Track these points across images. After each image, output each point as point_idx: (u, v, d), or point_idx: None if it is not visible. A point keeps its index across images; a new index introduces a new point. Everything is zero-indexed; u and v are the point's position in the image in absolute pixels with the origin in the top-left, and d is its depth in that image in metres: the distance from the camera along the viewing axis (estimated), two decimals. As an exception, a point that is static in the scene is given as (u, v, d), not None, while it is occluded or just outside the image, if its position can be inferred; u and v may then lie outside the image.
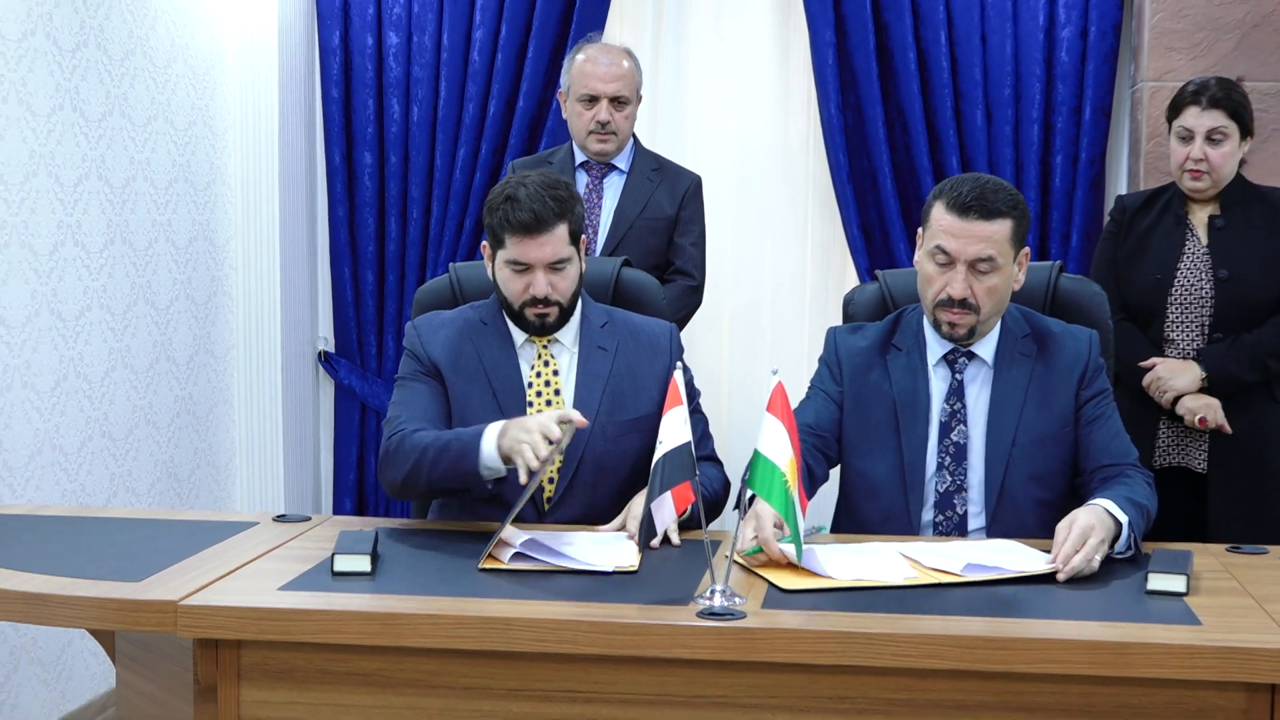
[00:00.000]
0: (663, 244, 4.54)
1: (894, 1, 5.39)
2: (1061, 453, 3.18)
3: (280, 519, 3.24)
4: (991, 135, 5.41)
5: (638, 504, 3.01)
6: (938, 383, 3.23)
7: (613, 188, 4.54)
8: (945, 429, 3.19)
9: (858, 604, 2.57)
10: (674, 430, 2.58)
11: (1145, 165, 5.14)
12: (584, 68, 4.48)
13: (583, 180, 4.55)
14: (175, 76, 4.97)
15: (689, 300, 4.59)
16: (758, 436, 2.58)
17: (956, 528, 3.16)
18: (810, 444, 3.18)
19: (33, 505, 3.88)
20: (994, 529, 3.13)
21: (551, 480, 3.22)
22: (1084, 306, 3.48)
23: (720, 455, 5.48)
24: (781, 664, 2.46)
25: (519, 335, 3.28)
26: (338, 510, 5.76)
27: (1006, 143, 5.40)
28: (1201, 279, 4.03)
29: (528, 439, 2.83)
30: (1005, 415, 3.17)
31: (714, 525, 3.30)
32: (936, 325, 3.18)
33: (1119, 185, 5.48)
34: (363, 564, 2.73)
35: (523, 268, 3.15)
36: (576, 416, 2.89)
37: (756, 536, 2.78)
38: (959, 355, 3.21)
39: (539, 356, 3.27)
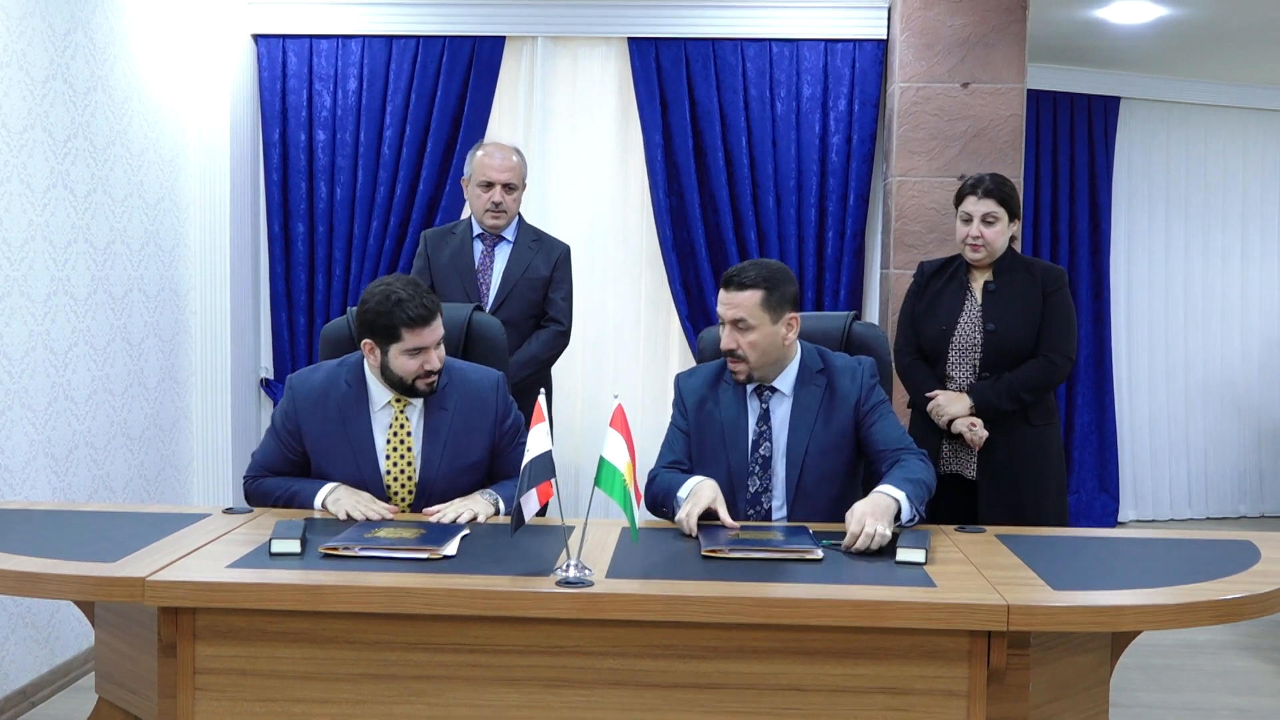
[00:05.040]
0: (540, 299, 4.50)
1: (707, 113, 5.46)
2: (845, 457, 3.23)
3: (228, 511, 3.17)
4: (780, 216, 5.49)
5: (459, 503, 3.11)
6: (752, 411, 3.26)
7: (502, 255, 4.49)
8: (755, 445, 3.23)
9: (678, 574, 2.58)
10: (538, 442, 2.57)
11: (895, 239, 5.24)
12: (483, 160, 4.44)
13: (479, 248, 4.50)
14: (148, 162, 4.85)
15: (559, 342, 4.55)
16: (603, 446, 2.57)
17: (764, 517, 3.20)
18: (682, 471, 3.25)
19: (27, 501, 3.75)
20: (793, 516, 3.19)
21: (404, 510, 3.24)
22: (870, 345, 3.57)
23: (573, 457, 5.50)
24: (621, 620, 2.46)
25: (378, 400, 3.23)
26: (275, 502, 5.63)
27: (791, 221, 5.48)
28: (975, 330, 3.95)
29: (351, 503, 3.08)
30: (800, 433, 3.20)
31: (569, 514, 3.27)
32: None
33: (875, 255, 5.59)
34: (294, 547, 2.68)
35: (419, 350, 3.14)
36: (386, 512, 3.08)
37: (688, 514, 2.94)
38: (764, 389, 3.25)
39: (395, 419, 3.23)
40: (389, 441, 3.21)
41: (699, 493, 3.01)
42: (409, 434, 3.22)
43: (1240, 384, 7.74)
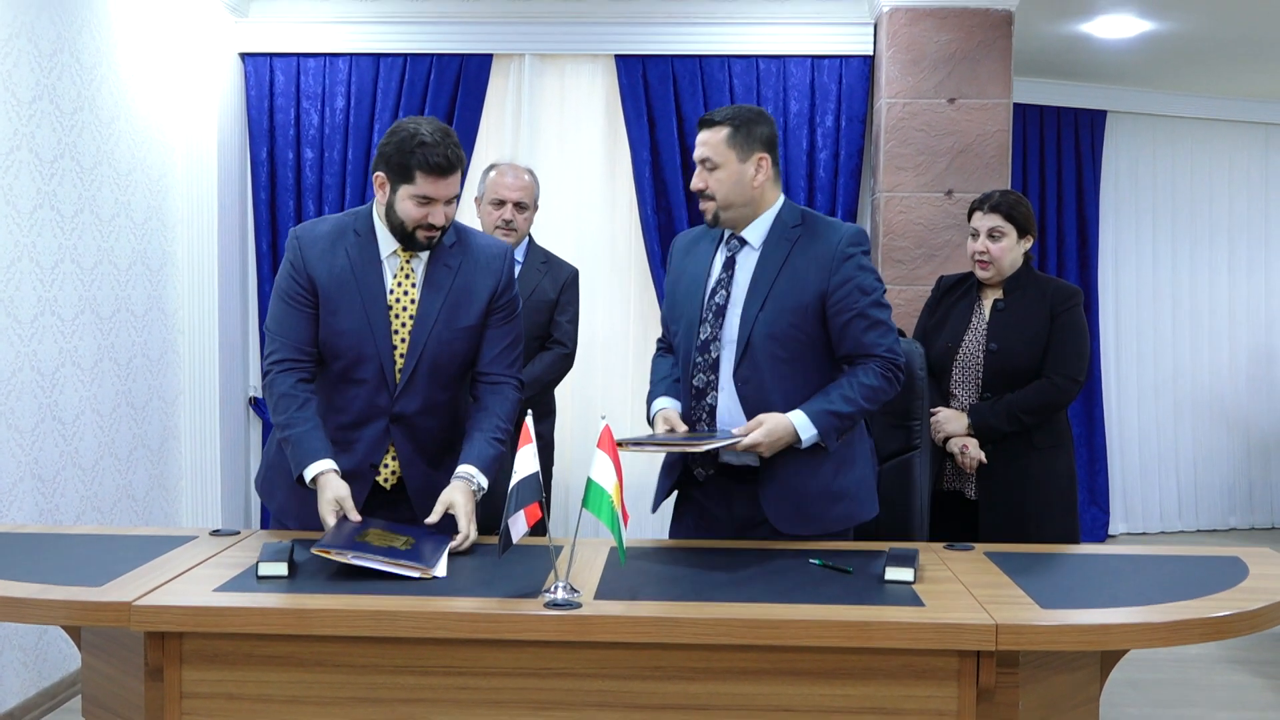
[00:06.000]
0: (546, 320, 4.47)
1: (694, 130, 5.45)
2: (803, 323, 3.08)
3: (215, 533, 3.15)
4: (768, 231, 5.49)
5: (456, 502, 2.95)
6: (720, 258, 3.20)
7: None
8: (712, 293, 3.17)
9: (667, 595, 2.58)
10: (525, 463, 2.56)
11: (883, 255, 5.25)
12: (496, 179, 4.44)
13: None
14: (135, 182, 4.85)
15: (563, 365, 4.53)
16: (590, 467, 2.56)
17: (711, 367, 3.14)
18: (665, 350, 3.37)
19: (14, 524, 3.73)
20: (739, 372, 3.10)
21: (401, 370, 3.09)
22: (908, 361, 3.37)
23: (561, 475, 5.46)
24: (609, 642, 2.45)
25: (386, 248, 3.11)
26: (263, 525, 5.62)
27: (780, 237, 5.49)
28: (978, 349, 3.93)
29: (328, 501, 2.93)
30: (760, 285, 3.11)
31: (556, 531, 3.27)
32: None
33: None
34: (281, 569, 2.67)
35: (427, 201, 3.00)
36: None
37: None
38: (734, 239, 3.18)
39: (401, 269, 3.10)
40: (392, 292, 3.10)
41: (656, 424, 3.16)
42: (414, 285, 3.11)
43: (1229, 396, 7.76)
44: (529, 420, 2.63)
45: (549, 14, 5.55)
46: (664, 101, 5.48)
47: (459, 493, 2.97)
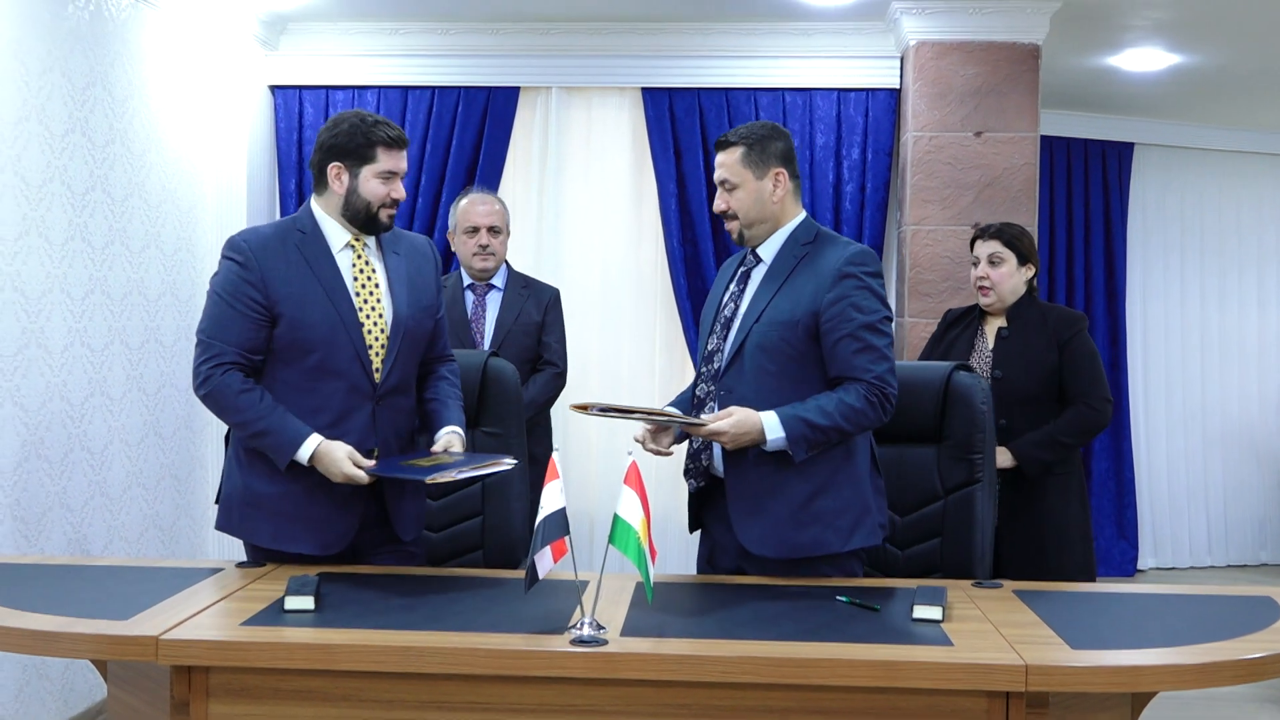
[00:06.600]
0: (534, 343, 4.56)
1: (721, 162, 5.48)
2: (793, 338, 3.04)
3: (241, 565, 3.16)
4: (794, 264, 5.49)
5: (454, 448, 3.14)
6: (737, 275, 3.23)
7: (494, 302, 4.55)
8: (724, 306, 3.20)
9: (694, 631, 2.56)
10: (551, 499, 2.56)
11: (909, 288, 5.23)
12: (467, 208, 4.54)
13: (470, 298, 4.56)
14: (165, 213, 4.89)
15: (556, 383, 4.59)
16: (617, 503, 2.56)
17: (713, 377, 3.15)
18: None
19: (42, 555, 3.75)
20: (724, 380, 3.11)
21: (378, 354, 3.10)
22: (968, 396, 3.38)
23: (588, 510, 5.45)
24: (636, 680, 2.44)
25: (336, 242, 3.12)
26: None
27: (806, 269, 5.48)
28: (983, 377, 3.97)
29: (336, 471, 2.98)
30: (760, 299, 3.11)
31: (582, 565, 3.25)
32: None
33: (890, 303, 5.57)
34: (308, 603, 2.67)
35: (390, 176, 3.09)
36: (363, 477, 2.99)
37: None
38: (751, 254, 3.20)
39: (359, 256, 3.14)
40: (356, 279, 3.12)
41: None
42: (374, 271, 3.15)
43: (1259, 429, 7.69)
44: (555, 456, 2.63)
45: (576, 47, 5.57)
46: (690, 134, 5.50)
47: (458, 443, 3.16)
